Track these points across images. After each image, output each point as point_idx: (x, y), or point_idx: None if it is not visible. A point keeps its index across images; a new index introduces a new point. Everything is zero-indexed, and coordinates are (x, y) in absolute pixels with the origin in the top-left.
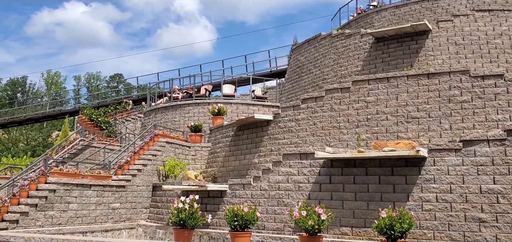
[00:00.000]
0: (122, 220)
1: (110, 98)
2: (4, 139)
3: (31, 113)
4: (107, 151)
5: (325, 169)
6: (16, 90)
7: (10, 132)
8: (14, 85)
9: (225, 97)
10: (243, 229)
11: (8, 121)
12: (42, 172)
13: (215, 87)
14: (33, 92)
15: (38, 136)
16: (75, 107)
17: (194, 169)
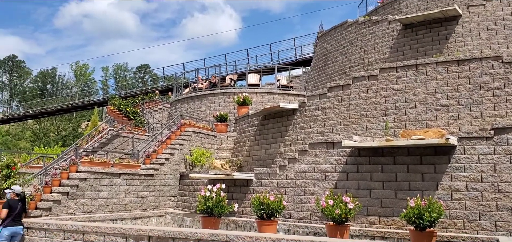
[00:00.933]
0: (151, 208)
1: (137, 88)
2: (35, 129)
3: (61, 104)
4: (136, 141)
5: (352, 158)
6: (46, 81)
7: (41, 122)
8: (45, 76)
9: (250, 86)
10: (270, 217)
11: (39, 112)
12: (73, 161)
13: (240, 76)
14: (62, 83)
15: (68, 126)
16: (104, 98)
17: (220, 158)
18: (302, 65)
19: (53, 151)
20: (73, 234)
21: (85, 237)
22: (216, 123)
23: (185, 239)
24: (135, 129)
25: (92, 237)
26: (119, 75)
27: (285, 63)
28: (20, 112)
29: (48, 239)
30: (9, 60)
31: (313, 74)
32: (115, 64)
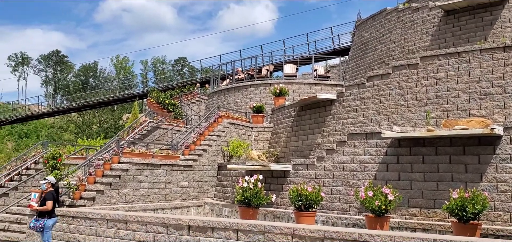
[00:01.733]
0: (190, 198)
1: (175, 81)
2: (79, 121)
3: (103, 97)
4: (174, 132)
5: (392, 149)
6: (88, 75)
7: (84, 115)
8: (86, 70)
9: (286, 77)
10: (308, 208)
11: (82, 105)
12: (115, 152)
13: (277, 67)
14: (103, 77)
15: (109, 118)
16: (143, 91)
17: (257, 149)
18: (340, 55)
19: (96, 143)
20: (116, 223)
21: (127, 226)
22: (252, 114)
23: (224, 229)
24: (174, 121)
25: (134, 227)
26: (158, 68)
27: (322, 53)
28: (64, 106)
29: (92, 228)
30: (53, 55)
31: (351, 63)
32: (154, 58)
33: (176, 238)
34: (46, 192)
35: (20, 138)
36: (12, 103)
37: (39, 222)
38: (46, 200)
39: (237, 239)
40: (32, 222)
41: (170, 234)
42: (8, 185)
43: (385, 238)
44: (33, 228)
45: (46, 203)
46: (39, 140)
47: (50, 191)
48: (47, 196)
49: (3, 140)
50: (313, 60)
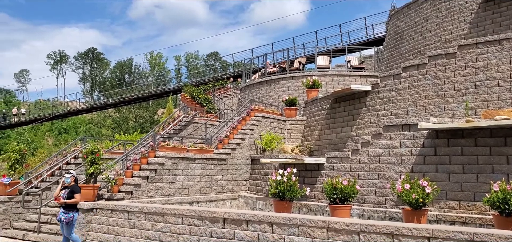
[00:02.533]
0: (225, 191)
1: (208, 76)
2: (115, 117)
3: (138, 93)
4: (208, 126)
5: (430, 141)
6: (123, 71)
7: (120, 110)
8: (122, 67)
9: (319, 69)
10: (343, 202)
11: (118, 101)
12: (151, 146)
13: (309, 59)
14: (138, 73)
15: (145, 114)
16: (177, 86)
17: (290, 143)
18: (374, 45)
19: (133, 138)
20: (153, 216)
21: (164, 218)
22: (285, 107)
23: (258, 222)
24: (207, 115)
25: (171, 219)
26: (191, 63)
27: (356, 43)
28: (101, 102)
29: (131, 220)
30: (89, 52)
31: (386, 54)
32: (187, 53)
33: (212, 231)
34: (70, 185)
35: (59, 134)
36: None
37: (70, 215)
38: (74, 193)
39: (272, 232)
40: (62, 215)
41: (206, 227)
42: (49, 179)
43: (423, 231)
44: (64, 221)
45: (74, 196)
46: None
47: (77, 185)
48: (75, 189)
49: (44, 135)
50: (347, 51)
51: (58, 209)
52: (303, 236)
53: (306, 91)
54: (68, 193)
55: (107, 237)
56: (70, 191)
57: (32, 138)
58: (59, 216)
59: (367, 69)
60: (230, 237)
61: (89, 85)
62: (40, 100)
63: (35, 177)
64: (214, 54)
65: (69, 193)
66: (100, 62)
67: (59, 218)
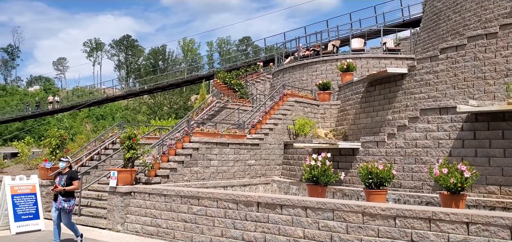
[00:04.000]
0: (258, 176)
1: (240, 61)
2: (150, 103)
3: (172, 79)
4: (241, 112)
5: (469, 124)
6: (157, 58)
7: (155, 97)
8: (156, 54)
9: (354, 52)
10: (378, 187)
11: (153, 87)
12: (186, 132)
13: (343, 42)
14: (172, 59)
15: (179, 100)
16: (210, 72)
17: (324, 127)
18: (410, 27)
19: (168, 123)
20: (189, 200)
21: (200, 202)
22: (318, 91)
23: (292, 206)
24: (239, 101)
25: (206, 202)
26: (223, 49)
27: (391, 25)
28: (136, 88)
29: (167, 203)
30: (124, 40)
31: (422, 35)
32: (219, 38)
33: (246, 214)
34: (65, 171)
35: (97, 120)
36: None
37: (72, 202)
38: (72, 180)
39: (306, 216)
40: (63, 203)
41: (240, 210)
42: (89, 164)
43: (461, 216)
44: (67, 209)
45: (73, 183)
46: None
47: (75, 170)
48: (73, 175)
49: (82, 122)
50: (382, 33)
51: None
52: (338, 221)
53: (340, 74)
54: (66, 180)
55: (145, 219)
56: (69, 177)
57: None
58: (59, 204)
59: (403, 51)
60: (264, 221)
61: (124, 72)
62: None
63: (75, 161)
64: (246, 39)
65: (67, 179)
66: (134, 49)
67: (61, 206)
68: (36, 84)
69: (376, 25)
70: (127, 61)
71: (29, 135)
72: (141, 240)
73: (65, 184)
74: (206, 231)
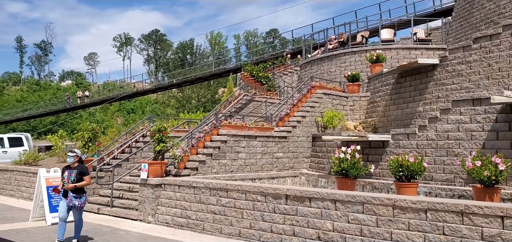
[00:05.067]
0: (286, 169)
1: (267, 53)
2: (179, 96)
3: (200, 73)
4: (268, 104)
5: (503, 115)
6: (185, 52)
7: (183, 90)
8: (184, 48)
9: (383, 42)
10: (409, 179)
11: (181, 81)
12: (214, 125)
13: (372, 33)
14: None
15: (207, 93)
16: (237, 65)
17: (353, 120)
18: (442, 16)
19: (196, 116)
20: (218, 192)
21: (228, 194)
22: (347, 83)
23: (321, 199)
24: (267, 93)
25: (234, 195)
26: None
27: (422, 15)
28: (165, 82)
29: (197, 195)
30: (153, 34)
31: (454, 25)
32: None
33: (275, 207)
34: (74, 165)
35: (127, 114)
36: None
37: (82, 198)
38: (83, 175)
39: (335, 209)
40: (74, 200)
41: (269, 203)
42: (120, 157)
43: (496, 210)
44: (78, 206)
45: (84, 178)
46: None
47: (85, 166)
48: (84, 170)
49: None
50: (412, 23)
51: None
52: (368, 214)
53: (369, 66)
54: (76, 175)
55: (175, 211)
56: (79, 172)
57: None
58: (70, 202)
59: (434, 41)
60: (293, 214)
61: (153, 66)
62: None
63: (107, 154)
64: (273, 31)
65: (78, 174)
66: (163, 44)
67: (72, 204)
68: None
69: (406, 15)
70: (156, 55)
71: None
72: (172, 231)
73: (75, 180)
74: (235, 223)
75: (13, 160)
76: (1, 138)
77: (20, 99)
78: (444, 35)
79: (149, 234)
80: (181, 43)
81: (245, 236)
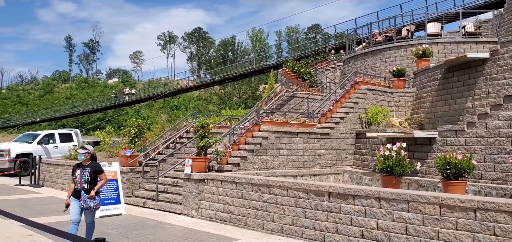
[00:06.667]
0: (328, 166)
1: (309, 49)
2: (221, 93)
3: (241, 70)
4: (310, 100)
5: None
6: (227, 49)
7: (225, 87)
8: (225, 45)
9: (430, 37)
10: (457, 178)
11: (223, 78)
12: (255, 121)
13: (418, 27)
14: (241, 50)
15: (248, 90)
16: (278, 61)
17: (398, 116)
18: (493, 8)
19: (237, 113)
20: (260, 188)
21: (270, 190)
22: (392, 78)
23: (365, 197)
24: (309, 89)
25: (276, 191)
26: (291, 38)
27: (471, 7)
28: (207, 79)
29: (239, 191)
30: (195, 32)
31: (507, 17)
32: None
33: (317, 204)
34: (87, 163)
35: (171, 110)
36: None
37: (97, 199)
38: (98, 174)
39: (380, 207)
40: (90, 202)
41: (311, 200)
42: (165, 152)
43: None
44: (94, 207)
45: (99, 178)
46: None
47: (98, 163)
48: (98, 168)
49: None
50: (461, 16)
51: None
52: (413, 212)
53: (415, 61)
54: (90, 174)
55: (218, 206)
56: (93, 171)
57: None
58: (84, 203)
59: (484, 35)
60: (336, 211)
61: (196, 64)
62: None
63: (152, 149)
64: (315, 26)
65: (91, 173)
66: (205, 41)
67: (86, 205)
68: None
69: (454, 8)
70: (198, 53)
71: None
72: (215, 226)
73: (89, 179)
74: (277, 219)
75: (63, 155)
76: (52, 133)
77: (70, 97)
78: (495, 28)
79: (193, 228)
80: (223, 41)
81: (287, 233)
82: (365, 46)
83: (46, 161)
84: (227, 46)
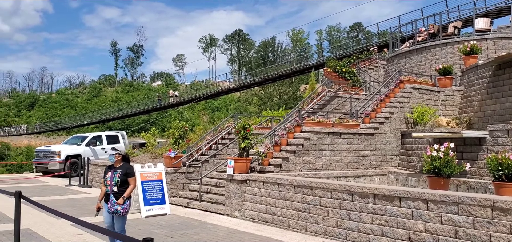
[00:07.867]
0: (373, 167)
1: (351, 48)
2: (261, 94)
3: (281, 71)
4: (353, 100)
5: None
6: (267, 50)
7: (265, 88)
8: (266, 46)
9: (478, 33)
10: (510, 179)
11: (263, 79)
12: (297, 122)
13: (465, 23)
14: (281, 51)
15: (288, 90)
16: (319, 61)
17: (445, 115)
18: None
19: (278, 114)
20: (302, 189)
21: (313, 192)
22: (438, 77)
23: (412, 199)
24: (351, 89)
25: (319, 193)
26: (332, 37)
27: None
28: (247, 81)
29: (281, 192)
30: (236, 34)
31: None
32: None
33: (362, 206)
34: (118, 165)
35: (213, 112)
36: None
37: (126, 203)
38: (128, 177)
39: (427, 210)
40: (117, 206)
41: (355, 202)
42: (207, 153)
43: None
44: (122, 211)
45: (129, 181)
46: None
47: (130, 165)
48: (130, 170)
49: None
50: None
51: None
52: (463, 215)
53: (463, 58)
54: (121, 176)
55: (260, 207)
56: (124, 173)
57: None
58: (111, 207)
59: None
60: (382, 213)
61: (236, 65)
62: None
63: (195, 151)
64: (357, 25)
65: (122, 175)
66: (245, 43)
67: (113, 209)
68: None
69: (505, 2)
70: (239, 54)
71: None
72: (257, 227)
73: (119, 181)
74: (321, 221)
75: None
76: (99, 136)
77: (115, 100)
78: None
79: (236, 229)
80: (263, 42)
81: (331, 235)
82: (410, 44)
83: (94, 162)
84: (267, 47)
